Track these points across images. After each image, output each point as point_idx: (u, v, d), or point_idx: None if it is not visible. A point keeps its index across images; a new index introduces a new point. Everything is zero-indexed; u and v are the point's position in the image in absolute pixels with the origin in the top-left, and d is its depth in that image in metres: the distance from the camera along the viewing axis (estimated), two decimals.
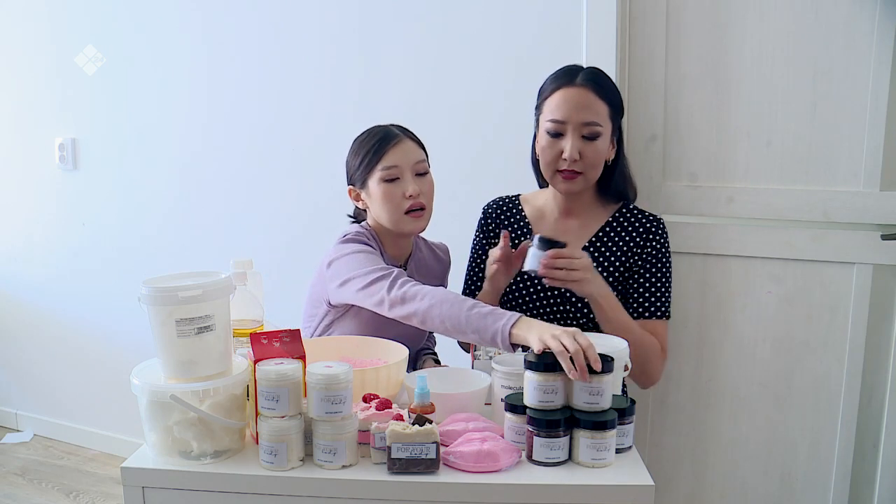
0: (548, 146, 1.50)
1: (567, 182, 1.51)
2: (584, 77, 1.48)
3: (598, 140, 1.48)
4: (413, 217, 1.49)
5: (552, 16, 1.94)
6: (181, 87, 2.54)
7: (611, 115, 1.49)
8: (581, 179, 1.50)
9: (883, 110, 1.66)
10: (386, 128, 1.53)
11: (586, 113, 1.46)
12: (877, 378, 1.75)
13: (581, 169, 1.49)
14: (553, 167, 1.51)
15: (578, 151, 1.47)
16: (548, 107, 1.50)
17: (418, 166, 1.50)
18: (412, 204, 1.48)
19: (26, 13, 2.77)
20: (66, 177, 2.81)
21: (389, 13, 2.17)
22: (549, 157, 1.50)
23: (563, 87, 1.49)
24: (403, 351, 1.38)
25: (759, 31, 1.76)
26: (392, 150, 1.48)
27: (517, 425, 1.15)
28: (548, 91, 1.52)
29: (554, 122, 1.48)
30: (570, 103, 1.47)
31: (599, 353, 1.16)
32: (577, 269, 1.36)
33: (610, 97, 1.49)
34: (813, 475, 1.83)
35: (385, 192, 1.48)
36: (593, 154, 1.48)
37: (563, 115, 1.47)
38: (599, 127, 1.47)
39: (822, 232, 1.76)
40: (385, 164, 1.48)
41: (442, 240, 1.78)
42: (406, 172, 1.48)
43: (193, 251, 2.59)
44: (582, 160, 1.48)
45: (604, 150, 1.50)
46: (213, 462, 1.14)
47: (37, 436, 3.07)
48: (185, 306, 1.11)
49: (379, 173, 1.48)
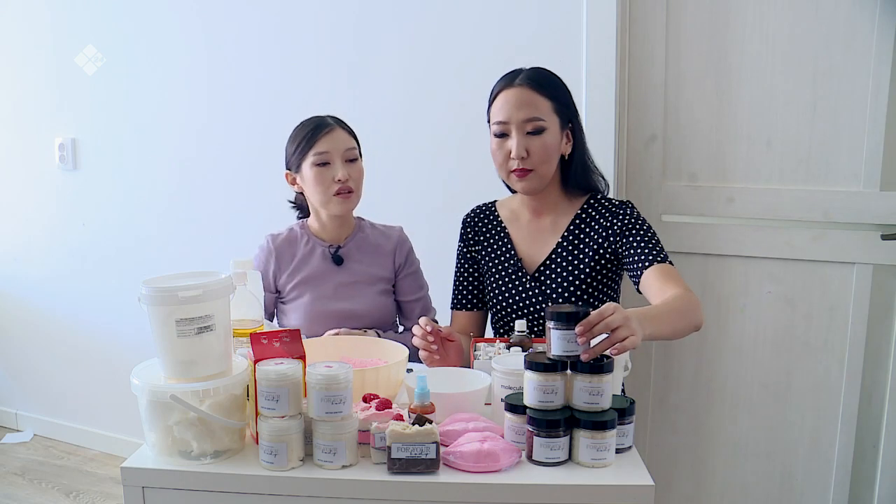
0: (497, 148, 1.54)
1: (521, 181, 1.53)
2: (523, 77, 1.52)
3: (543, 135, 1.50)
4: (341, 199, 1.61)
5: (552, 16, 1.94)
6: (181, 87, 2.54)
7: (555, 109, 1.51)
8: (534, 176, 1.52)
9: (883, 110, 1.66)
10: (321, 118, 1.65)
11: (527, 110, 1.49)
12: (877, 378, 1.75)
13: (531, 166, 1.51)
14: (505, 168, 1.54)
15: (525, 148, 1.50)
16: (493, 111, 1.55)
17: (348, 153, 1.62)
18: (340, 188, 1.60)
19: (26, 13, 2.77)
20: (66, 177, 2.81)
21: (388, 13, 2.17)
22: (500, 158, 1.54)
23: (504, 89, 1.53)
24: (403, 351, 1.39)
25: (759, 31, 1.76)
26: (324, 138, 1.60)
27: (517, 425, 1.15)
28: (492, 96, 1.56)
29: (498, 123, 1.52)
30: (510, 103, 1.51)
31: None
32: (618, 328, 1.11)
33: (550, 92, 1.52)
34: (813, 475, 1.83)
35: (316, 176, 1.60)
36: (540, 149, 1.50)
37: (504, 115, 1.51)
38: (542, 121, 1.50)
39: (822, 232, 1.76)
40: (317, 150, 1.60)
41: (436, 236, 1.78)
42: (336, 159, 1.60)
43: (193, 251, 2.59)
44: (530, 157, 1.50)
45: (552, 145, 1.52)
46: (213, 462, 1.14)
47: (37, 436, 3.07)
48: (185, 306, 1.11)
49: (311, 158, 1.60)
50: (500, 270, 1.63)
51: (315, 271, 1.67)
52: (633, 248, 1.52)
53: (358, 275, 1.68)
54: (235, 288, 1.20)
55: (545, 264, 1.58)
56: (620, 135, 1.90)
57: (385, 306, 1.71)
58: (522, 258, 1.61)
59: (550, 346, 1.13)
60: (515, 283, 1.60)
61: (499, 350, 1.40)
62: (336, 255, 1.67)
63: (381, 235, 1.73)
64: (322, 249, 1.68)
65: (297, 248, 1.68)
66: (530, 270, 1.60)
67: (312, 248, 1.68)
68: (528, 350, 1.33)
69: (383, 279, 1.70)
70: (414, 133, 2.18)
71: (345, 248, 1.69)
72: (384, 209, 1.80)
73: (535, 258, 1.60)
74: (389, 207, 1.78)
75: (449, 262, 1.73)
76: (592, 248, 1.56)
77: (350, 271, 1.68)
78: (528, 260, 1.61)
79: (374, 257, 1.70)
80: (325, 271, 1.67)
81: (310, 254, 1.68)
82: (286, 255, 1.68)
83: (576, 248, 1.57)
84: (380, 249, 1.72)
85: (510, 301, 1.61)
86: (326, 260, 1.67)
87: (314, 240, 1.69)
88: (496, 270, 1.63)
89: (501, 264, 1.63)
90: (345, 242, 1.70)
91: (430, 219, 2.03)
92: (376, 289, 1.69)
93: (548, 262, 1.58)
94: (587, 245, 1.57)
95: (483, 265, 1.67)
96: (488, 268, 1.65)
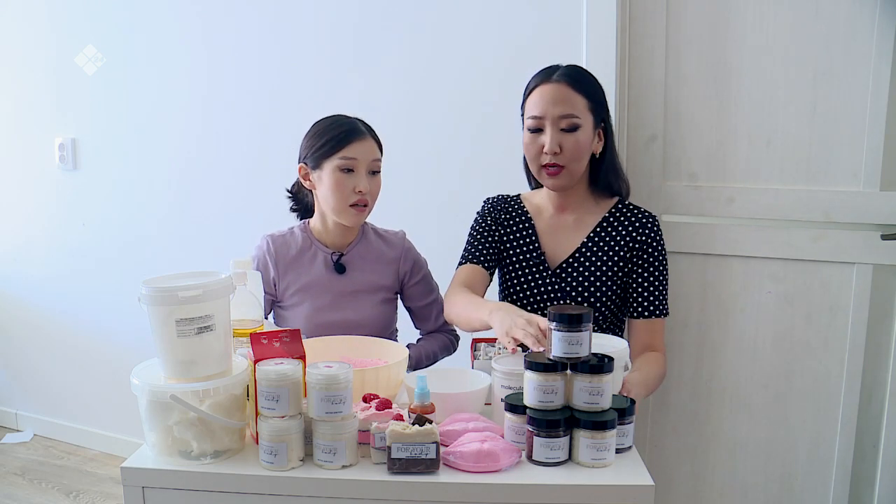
0: (530, 142, 1.54)
1: (552, 177, 1.53)
2: (561, 73, 1.52)
3: (577, 132, 1.50)
4: (356, 211, 1.57)
5: (552, 15, 1.94)
6: (181, 87, 2.54)
7: (590, 107, 1.52)
8: (565, 173, 1.52)
9: (883, 110, 1.66)
10: (353, 120, 1.60)
11: (563, 106, 1.49)
12: (877, 378, 1.75)
13: (563, 162, 1.51)
14: (537, 163, 1.54)
15: (558, 144, 1.50)
16: (528, 105, 1.55)
17: (373, 164, 1.58)
18: (359, 199, 1.56)
19: (26, 13, 2.77)
20: (66, 177, 2.81)
21: (387, 14, 2.17)
22: (533, 152, 1.54)
23: (540, 84, 1.53)
24: (403, 351, 1.39)
25: (759, 31, 1.76)
26: (355, 144, 1.55)
27: (517, 425, 1.15)
28: (528, 91, 1.56)
29: (533, 118, 1.52)
30: (546, 98, 1.51)
31: (600, 354, 1.16)
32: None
33: (587, 89, 1.52)
34: (813, 475, 1.83)
35: (338, 181, 1.55)
36: (573, 146, 1.50)
37: (540, 110, 1.51)
38: (577, 119, 1.50)
39: (822, 232, 1.76)
40: (345, 154, 1.54)
41: (434, 236, 1.77)
42: (361, 168, 1.56)
43: (193, 251, 2.59)
44: (563, 153, 1.50)
45: (585, 142, 1.52)
46: (213, 462, 1.14)
47: (37, 436, 3.07)
48: (185, 306, 1.11)
49: (337, 161, 1.54)
50: (521, 262, 1.61)
51: (316, 279, 1.62)
52: (642, 289, 1.56)
53: (359, 283, 1.63)
54: (235, 288, 1.20)
55: (568, 262, 1.58)
56: (620, 135, 1.89)
57: (385, 315, 1.67)
58: (546, 252, 1.60)
59: (551, 347, 1.13)
60: (536, 277, 1.60)
61: (499, 350, 1.40)
62: (338, 264, 1.63)
63: (384, 243, 1.69)
64: (324, 256, 1.63)
65: (298, 253, 1.63)
66: (552, 266, 1.59)
67: (314, 254, 1.64)
68: (527, 350, 1.33)
69: (385, 288, 1.67)
70: (414, 133, 2.18)
71: (347, 255, 1.64)
72: (385, 210, 1.80)
73: (559, 254, 1.60)
74: (390, 208, 1.78)
75: (453, 263, 1.73)
76: (617, 253, 1.57)
77: (351, 280, 1.63)
78: (551, 255, 1.60)
79: (377, 265, 1.66)
80: (326, 279, 1.62)
81: (311, 260, 1.63)
82: (286, 259, 1.63)
83: (600, 250, 1.57)
84: (383, 257, 1.68)
85: (528, 294, 1.60)
86: (328, 267, 1.63)
87: (316, 245, 1.64)
88: (517, 262, 1.62)
89: (524, 255, 1.61)
90: (348, 249, 1.65)
91: (433, 219, 2.03)
92: (377, 298, 1.65)
93: (570, 260, 1.58)
94: (612, 248, 1.57)
95: (505, 249, 1.65)
96: (509, 256, 1.63)
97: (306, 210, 1.72)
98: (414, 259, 1.71)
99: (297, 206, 1.73)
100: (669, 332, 1.93)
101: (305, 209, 1.72)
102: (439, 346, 1.71)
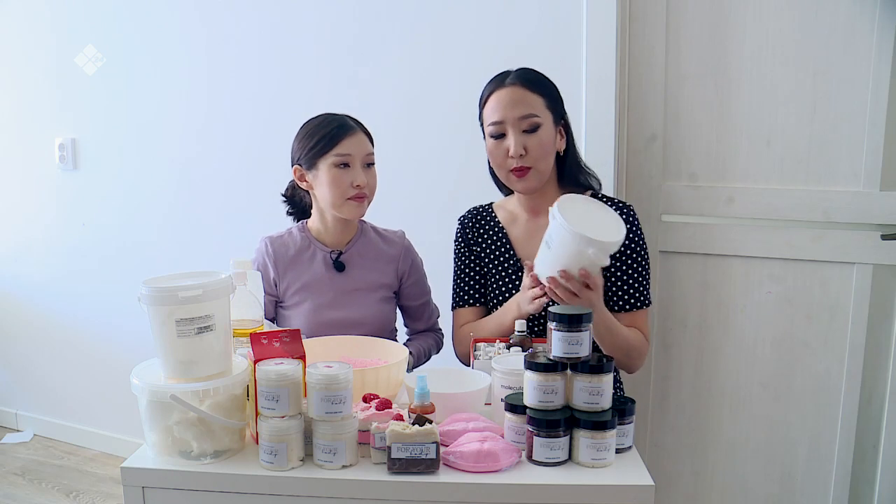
0: (494, 149, 1.54)
1: (521, 180, 1.53)
2: (514, 76, 1.53)
3: (539, 131, 1.50)
4: (356, 203, 1.58)
5: (552, 16, 1.94)
6: (181, 87, 2.54)
7: (548, 105, 1.52)
8: (533, 173, 1.52)
9: (883, 110, 1.66)
10: (341, 117, 1.62)
11: (521, 107, 1.50)
12: (877, 378, 1.75)
13: (530, 163, 1.51)
14: (505, 168, 1.54)
15: (523, 146, 1.50)
16: (486, 113, 1.55)
17: (368, 157, 1.60)
18: (357, 193, 1.57)
19: (26, 13, 2.77)
20: (66, 177, 2.81)
21: (388, 14, 2.17)
22: (498, 158, 1.54)
23: (495, 90, 1.53)
24: (403, 351, 1.39)
25: (759, 30, 1.76)
26: (347, 139, 1.57)
27: (517, 425, 1.15)
28: (484, 99, 1.56)
29: (494, 124, 1.52)
30: (503, 102, 1.51)
31: (599, 354, 1.16)
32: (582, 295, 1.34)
33: (542, 89, 1.52)
34: (813, 475, 1.83)
35: (335, 177, 1.56)
36: (537, 145, 1.50)
37: (500, 115, 1.51)
38: (537, 118, 1.50)
39: (822, 232, 1.76)
40: (339, 150, 1.56)
41: (434, 236, 1.77)
42: (357, 162, 1.57)
43: (193, 251, 2.59)
44: (528, 154, 1.50)
45: (548, 141, 1.52)
46: (213, 462, 1.14)
47: (37, 436, 3.07)
48: (185, 306, 1.11)
49: (332, 158, 1.56)
50: (500, 271, 1.62)
51: (315, 277, 1.62)
52: (622, 283, 1.55)
53: (359, 281, 1.64)
54: (235, 288, 1.20)
55: None
56: (620, 135, 1.90)
57: (386, 313, 1.67)
58: (522, 258, 1.61)
59: (551, 347, 1.13)
60: (516, 283, 1.60)
61: (499, 350, 1.40)
62: (337, 262, 1.64)
63: (384, 241, 1.70)
64: (323, 255, 1.64)
65: (297, 252, 1.64)
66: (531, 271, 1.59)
67: (314, 254, 1.64)
68: (528, 350, 1.33)
69: (385, 286, 1.67)
70: (414, 133, 2.18)
71: (346, 253, 1.65)
72: (385, 210, 1.80)
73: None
74: (390, 208, 1.78)
75: (451, 263, 1.73)
76: None
77: (351, 278, 1.64)
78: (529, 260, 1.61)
79: (376, 263, 1.67)
80: (325, 278, 1.63)
81: (311, 259, 1.64)
82: (285, 259, 1.63)
83: None
84: (382, 256, 1.68)
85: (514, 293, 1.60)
86: (328, 266, 1.63)
87: (315, 244, 1.65)
88: (496, 272, 1.63)
89: (501, 265, 1.63)
90: (346, 247, 1.66)
91: (432, 220, 2.02)
92: (377, 296, 1.66)
93: None
94: None
95: (484, 265, 1.67)
96: (489, 269, 1.65)
97: (303, 212, 1.72)
98: (413, 258, 1.72)
99: (292, 210, 1.74)
100: (669, 332, 1.94)
101: (302, 211, 1.73)
102: (433, 342, 1.76)
